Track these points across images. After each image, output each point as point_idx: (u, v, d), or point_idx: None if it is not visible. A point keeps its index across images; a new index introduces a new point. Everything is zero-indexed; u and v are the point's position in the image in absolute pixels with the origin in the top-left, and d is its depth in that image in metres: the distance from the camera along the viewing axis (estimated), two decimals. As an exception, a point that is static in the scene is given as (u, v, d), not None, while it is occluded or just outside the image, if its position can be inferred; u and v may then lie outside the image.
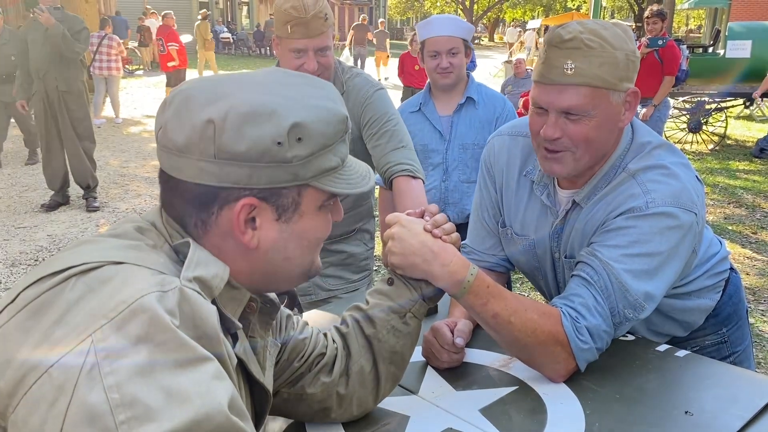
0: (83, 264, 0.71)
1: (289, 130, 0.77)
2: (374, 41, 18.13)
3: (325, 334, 1.16)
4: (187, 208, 0.80)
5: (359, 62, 17.73)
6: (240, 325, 0.80)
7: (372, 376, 1.13)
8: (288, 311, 1.12)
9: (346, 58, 18.24)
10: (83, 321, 0.65)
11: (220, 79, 0.83)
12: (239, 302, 0.84)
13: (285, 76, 0.85)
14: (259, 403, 0.91)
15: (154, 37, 18.34)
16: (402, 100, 8.44)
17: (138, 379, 0.62)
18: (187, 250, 0.77)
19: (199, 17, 16.36)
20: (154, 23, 18.49)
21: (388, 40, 18.26)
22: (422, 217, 1.20)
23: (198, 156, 0.77)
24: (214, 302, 0.75)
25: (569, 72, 1.25)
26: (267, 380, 0.94)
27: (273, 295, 0.96)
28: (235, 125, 0.76)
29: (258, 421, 0.91)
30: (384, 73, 17.77)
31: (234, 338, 0.82)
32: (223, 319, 0.77)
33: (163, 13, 12.45)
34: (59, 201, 6.02)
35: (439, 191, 2.59)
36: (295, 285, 0.93)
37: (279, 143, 0.77)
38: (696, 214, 1.29)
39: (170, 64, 11.66)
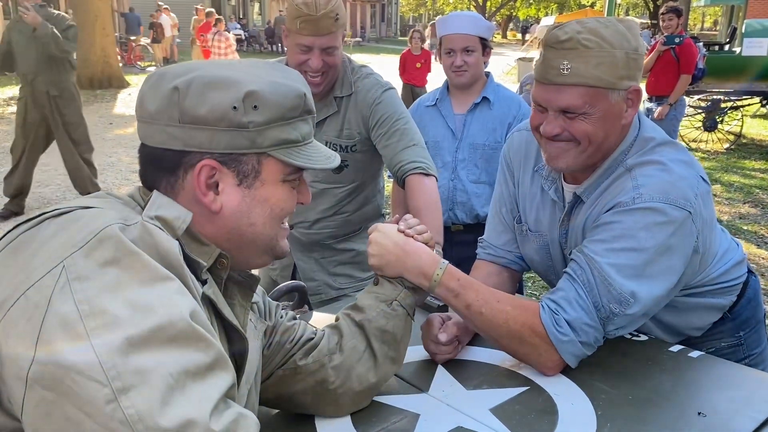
0: (56, 209, 0.80)
1: (244, 96, 0.85)
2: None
3: (315, 329, 1.23)
4: (158, 174, 0.88)
5: (434, 49, 21.63)
6: (205, 264, 0.86)
7: (368, 354, 1.19)
8: (276, 303, 1.22)
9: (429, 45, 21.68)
10: (56, 251, 0.73)
11: (196, 61, 0.93)
12: (209, 256, 0.89)
13: (255, 62, 0.94)
14: (239, 352, 0.92)
15: (167, 33, 18.53)
16: (402, 97, 8.43)
17: (106, 294, 0.69)
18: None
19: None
20: (166, 20, 18.59)
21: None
22: (398, 223, 1.30)
23: (166, 121, 0.85)
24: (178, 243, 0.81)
25: (566, 72, 1.26)
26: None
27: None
28: (198, 91, 0.84)
29: (238, 371, 0.92)
30: None
31: (203, 284, 0.86)
32: (190, 263, 0.83)
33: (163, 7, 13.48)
34: (12, 210, 5.39)
35: (447, 190, 2.52)
36: (261, 262, 0.98)
37: (235, 107, 0.84)
38: (690, 213, 1.26)
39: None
